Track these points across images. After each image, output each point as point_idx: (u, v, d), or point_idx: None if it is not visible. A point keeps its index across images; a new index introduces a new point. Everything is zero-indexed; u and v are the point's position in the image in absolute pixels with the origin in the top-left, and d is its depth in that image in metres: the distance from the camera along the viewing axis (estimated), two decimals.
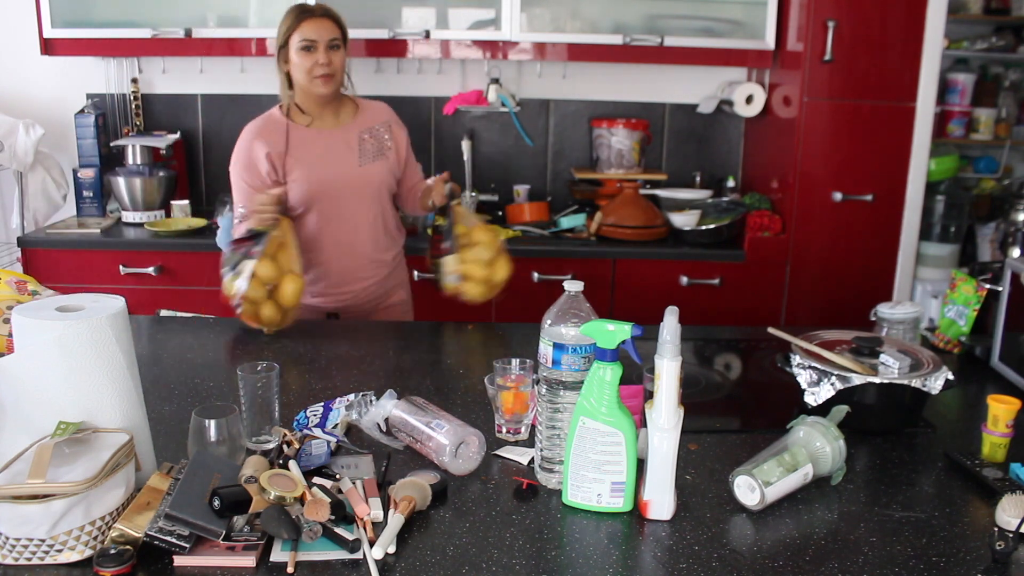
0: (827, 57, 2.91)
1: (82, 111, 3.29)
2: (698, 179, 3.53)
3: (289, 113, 2.28)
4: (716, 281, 3.05)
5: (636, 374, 1.54)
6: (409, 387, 1.68)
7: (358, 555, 1.12)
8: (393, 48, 3.14)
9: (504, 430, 1.49)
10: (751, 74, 3.43)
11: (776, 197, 3.18)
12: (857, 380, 1.48)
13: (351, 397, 1.52)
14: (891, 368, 1.51)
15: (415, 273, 2.99)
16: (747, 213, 3.10)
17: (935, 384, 1.48)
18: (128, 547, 1.07)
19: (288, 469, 1.25)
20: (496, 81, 3.35)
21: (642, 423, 1.35)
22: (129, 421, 1.19)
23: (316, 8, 2.24)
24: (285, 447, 1.36)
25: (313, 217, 2.24)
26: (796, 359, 1.57)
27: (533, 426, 1.44)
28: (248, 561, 1.09)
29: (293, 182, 2.21)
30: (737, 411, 1.73)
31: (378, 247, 2.33)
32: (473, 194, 3.39)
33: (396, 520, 1.16)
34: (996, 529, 1.20)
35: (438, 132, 3.50)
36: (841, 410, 1.41)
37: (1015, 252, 3.23)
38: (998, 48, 3.42)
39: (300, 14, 2.23)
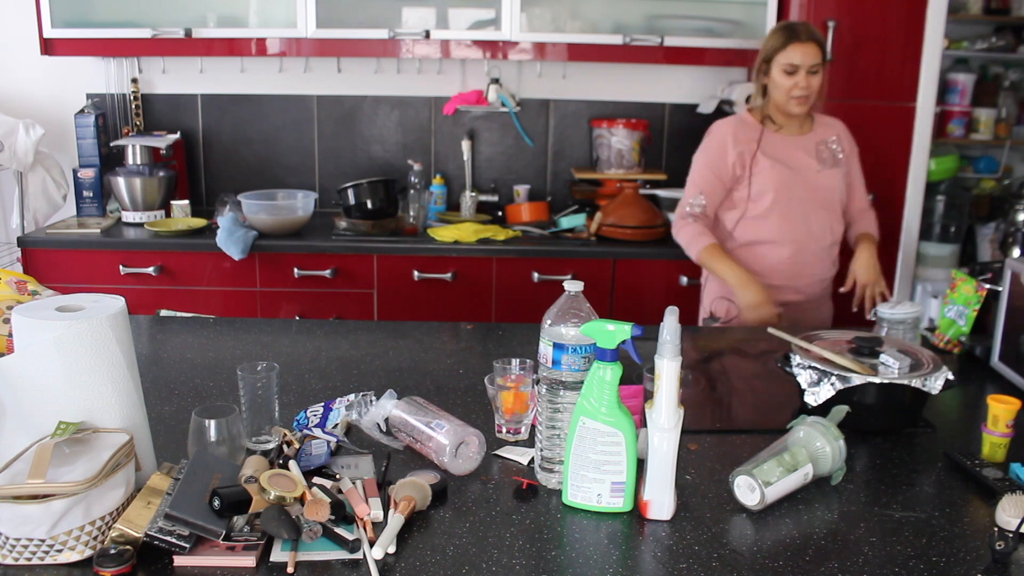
0: (827, 57, 2.90)
1: (82, 111, 3.29)
2: None
3: (763, 120, 2.44)
4: None
5: (636, 374, 1.54)
6: (409, 387, 1.68)
7: (358, 555, 1.12)
8: (393, 48, 3.14)
9: (504, 430, 1.49)
10: (751, 74, 3.42)
11: None
12: (857, 380, 1.48)
13: (351, 397, 1.52)
14: (891, 368, 1.51)
15: (415, 273, 2.99)
16: None
17: (935, 384, 1.48)
18: (128, 547, 1.07)
19: (288, 469, 1.25)
20: (496, 81, 3.35)
21: (642, 423, 1.35)
22: (129, 421, 1.19)
23: (803, 32, 2.33)
24: (285, 447, 1.36)
25: (773, 216, 2.41)
26: (796, 359, 1.57)
27: (533, 426, 1.44)
28: (248, 561, 1.09)
29: (757, 175, 2.39)
30: (737, 411, 1.73)
31: (824, 248, 2.46)
32: (473, 194, 3.39)
33: (396, 520, 1.16)
34: (996, 529, 1.20)
35: (438, 132, 3.50)
36: (841, 410, 1.41)
37: (1015, 252, 3.23)
38: (998, 48, 3.42)
39: (789, 36, 2.33)
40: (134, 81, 3.40)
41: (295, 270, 2.98)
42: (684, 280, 3.04)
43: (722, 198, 2.45)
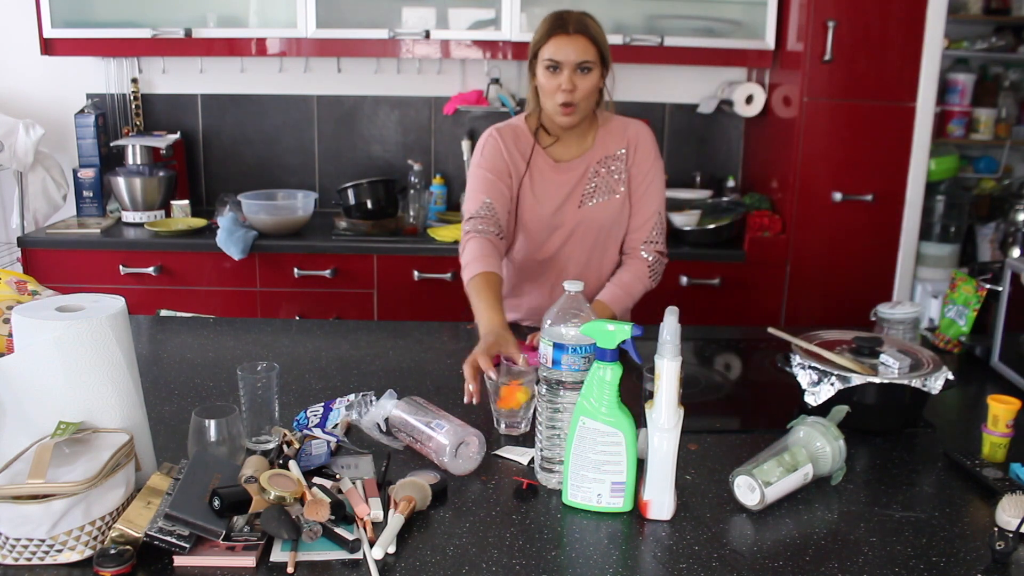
0: (827, 57, 2.91)
1: (82, 111, 3.29)
2: (698, 179, 3.53)
3: (536, 132, 2.01)
4: (716, 281, 3.05)
5: (636, 374, 1.54)
6: (409, 387, 1.68)
7: (358, 555, 1.12)
8: (393, 48, 3.14)
9: (503, 425, 1.49)
10: (751, 74, 3.43)
11: (776, 197, 3.18)
12: (857, 380, 1.48)
13: (351, 397, 1.52)
14: (891, 368, 1.51)
15: (415, 273, 2.99)
16: (747, 213, 3.10)
17: (935, 384, 1.48)
18: (128, 547, 1.07)
19: (288, 469, 1.25)
20: (496, 81, 3.35)
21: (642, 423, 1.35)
22: (129, 421, 1.19)
23: (571, 22, 1.87)
24: (285, 447, 1.36)
25: (529, 258, 2.04)
26: (796, 359, 1.57)
27: (534, 422, 1.44)
28: (248, 561, 1.09)
29: (519, 204, 1.99)
30: (737, 411, 1.73)
31: (595, 288, 2.02)
32: None
33: (396, 520, 1.16)
34: (996, 529, 1.20)
35: (438, 132, 3.50)
36: (841, 410, 1.41)
37: (1015, 252, 3.23)
38: (998, 48, 3.42)
39: (553, 27, 1.88)
40: (134, 81, 3.40)
41: (295, 270, 2.98)
42: (684, 280, 3.04)
43: (511, 196, 1.98)
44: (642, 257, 2.02)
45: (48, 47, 3.10)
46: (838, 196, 3.02)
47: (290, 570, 1.08)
